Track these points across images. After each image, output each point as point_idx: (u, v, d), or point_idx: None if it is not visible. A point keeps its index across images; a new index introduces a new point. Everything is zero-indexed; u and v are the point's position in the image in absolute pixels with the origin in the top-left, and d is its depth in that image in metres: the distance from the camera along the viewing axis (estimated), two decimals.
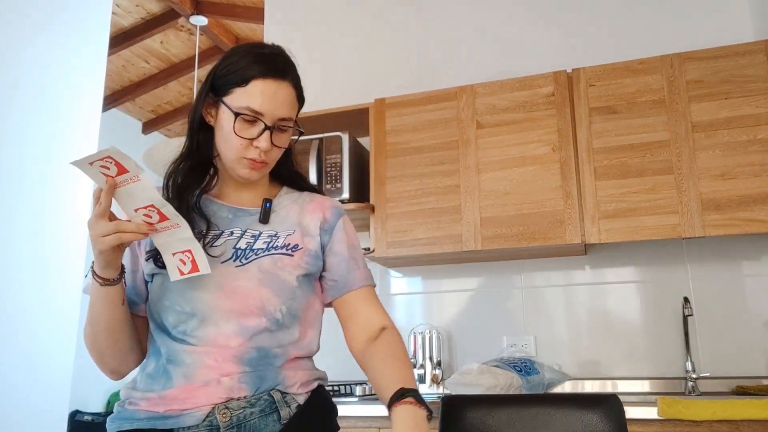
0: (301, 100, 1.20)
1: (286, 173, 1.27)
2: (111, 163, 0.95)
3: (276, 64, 1.13)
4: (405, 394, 1.00)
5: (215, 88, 1.14)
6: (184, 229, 1.02)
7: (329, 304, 1.24)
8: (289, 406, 1.08)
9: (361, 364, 1.15)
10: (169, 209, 1.00)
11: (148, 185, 0.98)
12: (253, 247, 1.13)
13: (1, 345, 2.27)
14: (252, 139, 1.11)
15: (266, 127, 1.10)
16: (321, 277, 1.22)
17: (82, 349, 2.71)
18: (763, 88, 2.16)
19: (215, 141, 1.17)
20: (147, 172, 0.98)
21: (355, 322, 1.19)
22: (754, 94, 2.17)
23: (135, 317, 1.16)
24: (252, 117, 1.10)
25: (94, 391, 5.26)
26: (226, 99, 1.12)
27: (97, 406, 5.33)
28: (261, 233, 1.15)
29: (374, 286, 1.25)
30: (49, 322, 2.48)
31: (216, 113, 1.15)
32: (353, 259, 1.22)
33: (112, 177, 0.97)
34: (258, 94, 1.10)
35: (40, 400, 2.39)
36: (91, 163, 0.95)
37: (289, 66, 1.16)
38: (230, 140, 1.12)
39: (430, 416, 1.00)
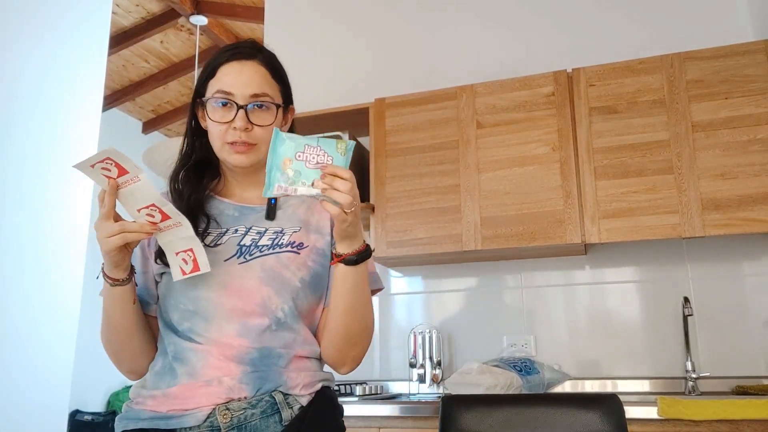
0: (280, 80, 1.19)
1: None
2: (111, 164, 0.97)
3: (240, 49, 1.17)
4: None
5: (198, 92, 1.18)
6: (186, 228, 1.03)
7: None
8: (291, 408, 1.07)
9: (331, 343, 1.14)
10: (170, 208, 1.01)
11: (148, 185, 0.99)
12: (258, 244, 1.13)
13: (1, 345, 2.27)
14: (229, 123, 1.12)
15: (239, 107, 1.12)
16: None
17: (82, 349, 2.71)
18: (763, 88, 2.16)
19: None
20: (146, 172, 0.99)
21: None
22: (754, 94, 2.16)
23: (149, 317, 1.18)
24: (223, 98, 1.12)
25: (94, 391, 5.26)
26: (205, 96, 1.16)
27: (97, 405, 5.33)
28: (267, 230, 1.15)
29: (377, 289, 1.20)
30: (49, 322, 2.48)
31: (204, 114, 1.18)
32: None
33: (114, 178, 0.98)
34: (224, 76, 1.14)
35: (40, 399, 2.39)
36: (92, 166, 0.96)
37: (257, 50, 1.18)
38: (212, 131, 1.15)
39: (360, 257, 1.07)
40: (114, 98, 5.73)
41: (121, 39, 4.95)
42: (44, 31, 2.58)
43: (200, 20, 4.83)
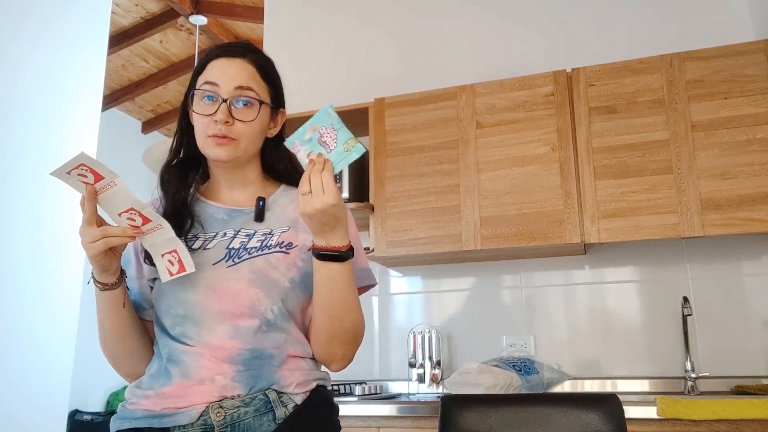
0: (269, 81, 1.19)
1: (284, 170, 1.25)
2: (86, 170, 0.97)
3: (231, 47, 1.18)
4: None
5: (190, 88, 1.19)
6: (167, 230, 1.04)
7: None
8: (285, 406, 1.07)
9: (317, 341, 1.15)
10: (149, 211, 1.02)
11: (125, 189, 1.00)
12: (247, 246, 1.13)
13: (1, 345, 2.27)
14: (211, 115, 1.12)
15: (222, 101, 1.12)
16: None
17: (81, 349, 2.71)
18: (762, 87, 2.16)
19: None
20: (144, 172, 1.00)
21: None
22: (754, 93, 2.17)
23: (146, 322, 1.18)
24: (209, 90, 1.13)
25: (94, 391, 5.26)
26: (195, 90, 1.17)
27: (96, 405, 5.33)
28: (255, 232, 1.15)
29: (366, 286, 1.21)
30: (49, 322, 2.48)
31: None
32: None
33: (91, 184, 0.99)
34: (211, 69, 1.15)
35: (40, 399, 2.39)
36: (68, 173, 0.97)
37: (248, 51, 1.18)
38: (197, 125, 1.16)
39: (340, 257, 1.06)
40: (113, 98, 5.73)
41: (120, 39, 4.95)
42: (43, 31, 2.58)
43: (200, 20, 4.83)
